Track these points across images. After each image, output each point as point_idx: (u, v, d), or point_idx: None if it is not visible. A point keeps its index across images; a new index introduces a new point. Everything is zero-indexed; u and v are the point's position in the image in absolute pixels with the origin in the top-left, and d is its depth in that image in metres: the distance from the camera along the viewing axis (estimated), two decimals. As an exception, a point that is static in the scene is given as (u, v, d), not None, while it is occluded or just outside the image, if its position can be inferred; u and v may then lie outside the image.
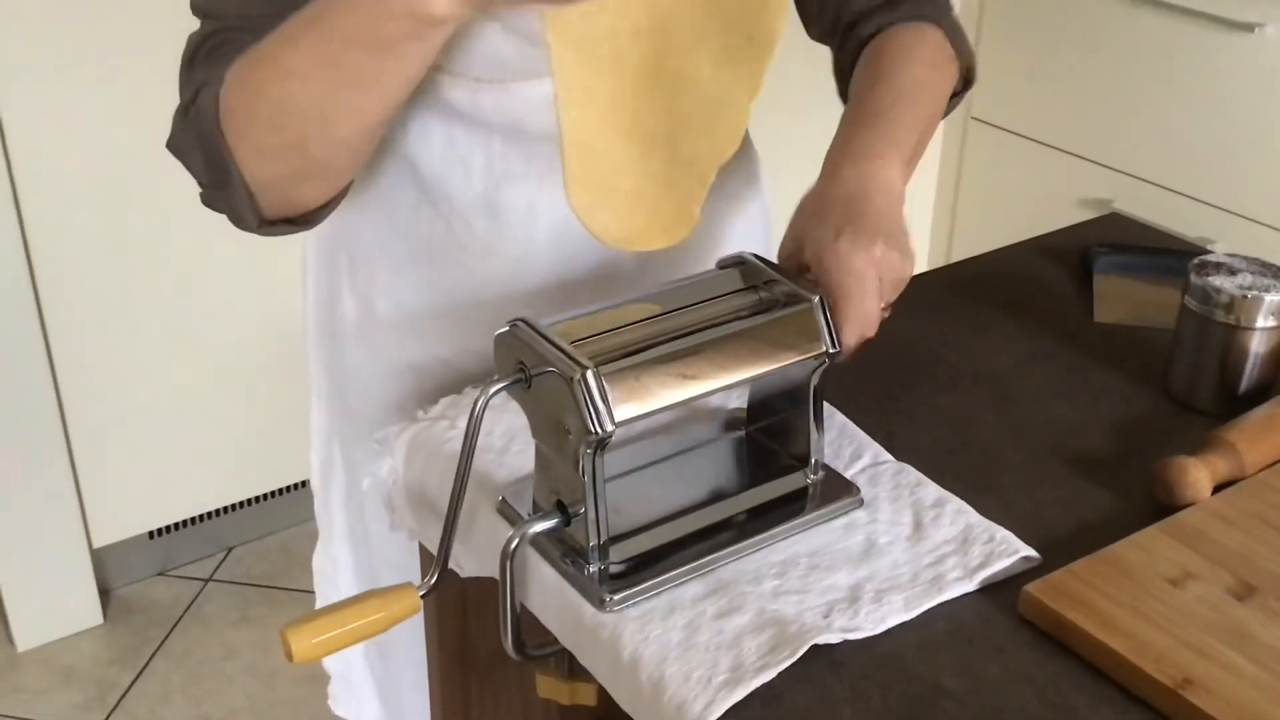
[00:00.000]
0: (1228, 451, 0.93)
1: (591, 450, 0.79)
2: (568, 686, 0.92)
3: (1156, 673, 0.75)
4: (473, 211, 1.05)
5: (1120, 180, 2.38)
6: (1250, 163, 2.19)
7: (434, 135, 1.03)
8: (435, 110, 1.01)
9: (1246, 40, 2.14)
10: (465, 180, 1.04)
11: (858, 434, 0.98)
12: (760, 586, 0.83)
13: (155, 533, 2.27)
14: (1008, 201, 2.63)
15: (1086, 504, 0.93)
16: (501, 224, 1.05)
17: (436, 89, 0.99)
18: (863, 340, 0.86)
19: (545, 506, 0.86)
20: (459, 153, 1.03)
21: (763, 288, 0.89)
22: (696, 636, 0.79)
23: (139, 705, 2.04)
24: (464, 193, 1.04)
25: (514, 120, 1.01)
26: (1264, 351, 1.01)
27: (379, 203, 1.07)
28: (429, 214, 1.06)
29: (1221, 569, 0.84)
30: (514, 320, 0.83)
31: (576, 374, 0.77)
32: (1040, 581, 0.82)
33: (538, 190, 1.04)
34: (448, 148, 1.03)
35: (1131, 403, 1.05)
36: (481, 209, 1.05)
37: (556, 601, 0.84)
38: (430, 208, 1.05)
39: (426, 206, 1.05)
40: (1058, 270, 1.27)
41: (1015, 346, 1.13)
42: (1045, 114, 2.51)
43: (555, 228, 1.05)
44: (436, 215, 1.05)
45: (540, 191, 1.04)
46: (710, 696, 0.74)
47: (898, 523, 0.89)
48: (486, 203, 1.04)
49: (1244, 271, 1.02)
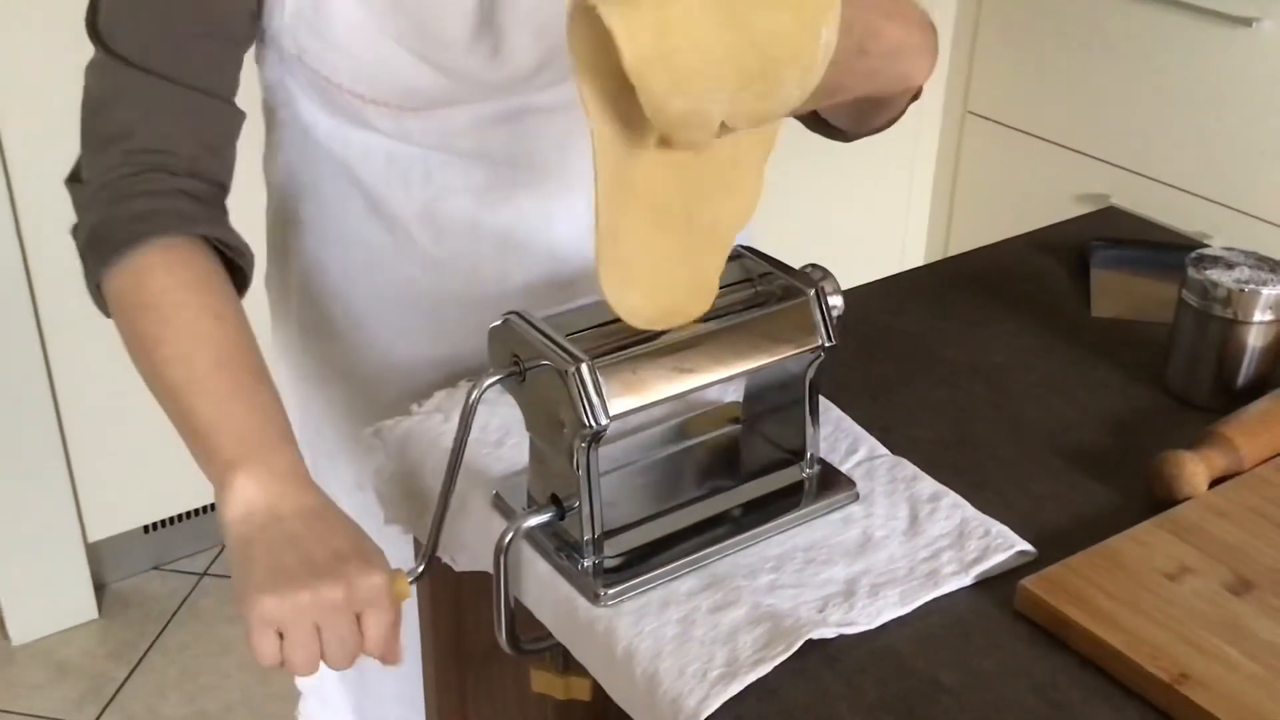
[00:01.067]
0: (1225, 446, 0.93)
1: (586, 444, 0.79)
2: (562, 681, 0.92)
3: (1153, 668, 0.75)
4: (415, 224, 1.05)
5: (1118, 175, 2.38)
6: (1248, 157, 2.18)
7: (375, 151, 1.03)
8: (370, 130, 1.01)
9: (1244, 34, 2.13)
10: (406, 194, 1.04)
11: (854, 428, 0.97)
12: (755, 581, 0.82)
13: (150, 527, 2.27)
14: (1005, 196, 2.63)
15: (1083, 498, 0.93)
16: (444, 236, 1.05)
17: (363, 116, 1.00)
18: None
19: (540, 500, 0.85)
20: (399, 168, 1.03)
21: (759, 281, 0.88)
22: (691, 631, 0.78)
23: (134, 700, 2.04)
24: (405, 206, 1.04)
25: (442, 141, 1.02)
26: (1261, 346, 1.01)
27: (328, 215, 1.07)
28: (377, 225, 1.06)
29: (1218, 564, 0.83)
30: (508, 313, 0.82)
31: (571, 367, 0.77)
32: (1036, 576, 0.82)
33: (477, 205, 1.04)
34: (388, 163, 1.03)
35: (1129, 397, 1.05)
36: (424, 222, 1.05)
37: (551, 596, 0.84)
38: (377, 219, 1.05)
39: (374, 218, 1.05)
40: (1055, 265, 1.26)
41: (1012, 341, 1.13)
42: (1042, 108, 2.50)
43: (500, 239, 1.06)
44: (383, 227, 1.06)
45: (480, 206, 1.04)
46: (705, 691, 0.74)
47: (893, 517, 0.88)
48: (428, 216, 1.05)
49: (1241, 265, 1.02)
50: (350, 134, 1.02)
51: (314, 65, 0.96)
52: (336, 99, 0.99)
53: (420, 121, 1.00)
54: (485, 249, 1.06)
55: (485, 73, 0.96)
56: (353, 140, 1.02)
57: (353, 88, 0.96)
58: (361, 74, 0.95)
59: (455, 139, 1.01)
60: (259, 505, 0.80)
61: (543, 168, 1.04)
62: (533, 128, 1.02)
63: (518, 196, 1.05)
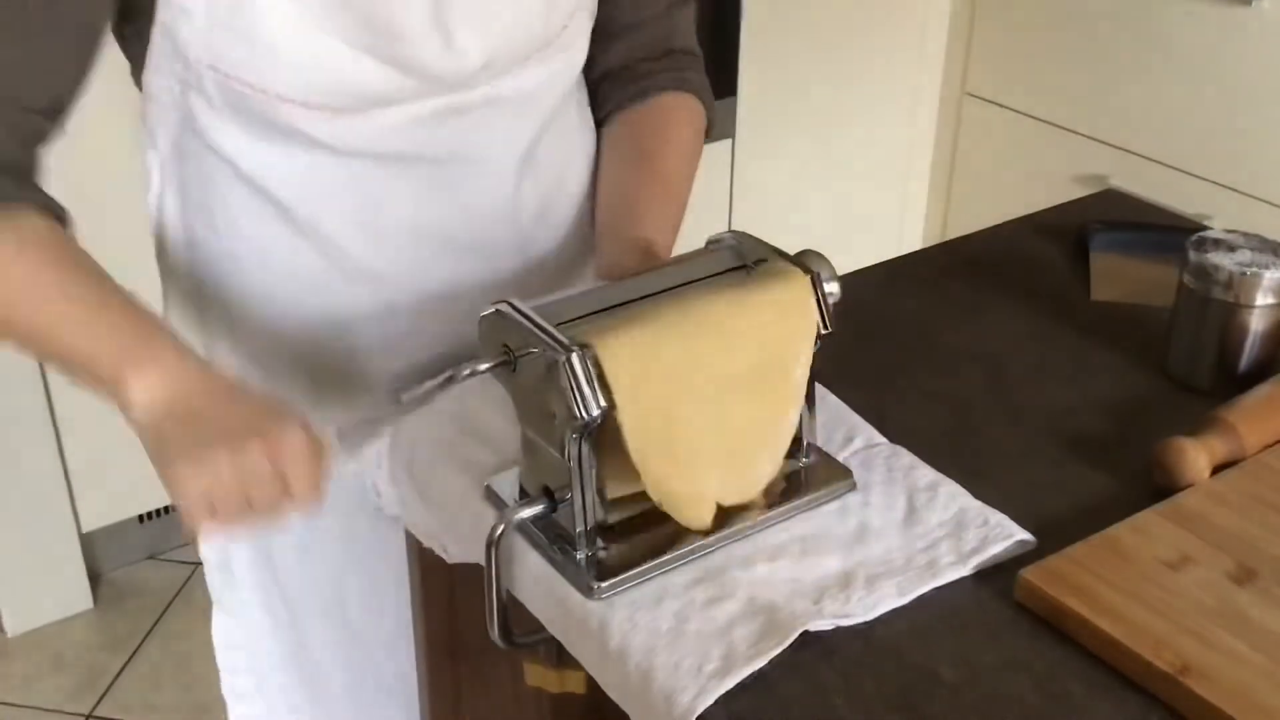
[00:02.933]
0: (1227, 432, 0.91)
1: (578, 435, 0.77)
2: (556, 675, 0.91)
3: (1155, 659, 0.74)
4: (349, 238, 0.99)
5: (1117, 156, 2.37)
6: (1248, 138, 2.17)
7: (296, 167, 0.96)
8: (292, 141, 0.95)
9: (1244, 14, 2.12)
10: (335, 208, 0.98)
11: (851, 416, 0.96)
12: (751, 572, 0.81)
13: (145, 516, 2.26)
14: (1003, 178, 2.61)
15: (1083, 487, 0.91)
16: (382, 245, 1.00)
17: (291, 122, 0.93)
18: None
19: (532, 492, 0.84)
20: (324, 181, 0.97)
21: (754, 267, 0.87)
22: (686, 624, 0.77)
23: (129, 691, 2.03)
24: (335, 221, 0.99)
25: (377, 145, 0.96)
26: (1264, 329, 0.99)
27: (249, 247, 1.00)
28: (306, 247, 0.99)
29: (1220, 552, 0.82)
30: (499, 301, 0.81)
31: (562, 357, 0.76)
32: (1036, 566, 0.81)
33: (415, 208, 1.00)
34: (311, 178, 0.97)
35: (1129, 383, 1.04)
36: (358, 233, 1.00)
37: (544, 589, 0.83)
38: (306, 241, 0.99)
39: (302, 241, 0.99)
40: (1054, 248, 1.25)
41: (1011, 326, 1.12)
42: (1040, 90, 2.49)
43: (442, 241, 1.02)
44: (313, 248, 0.99)
45: (419, 208, 1.00)
46: (699, 686, 0.73)
47: (891, 507, 0.87)
48: (361, 226, 0.99)
49: (1243, 248, 1.01)
50: (267, 152, 0.95)
51: (233, 73, 0.90)
52: (257, 109, 0.92)
53: (355, 123, 0.94)
54: (426, 254, 1.02)
55: (436, 64, 0.93)
56: (270, 159, 0.96)
57: (282, 91, 0.91)
58: (293, 75, 0.90)
59: (391, 140, 0.96)
60: (159, 395, 0.82)
61: (481, 163, 1.01)
62: (473, 124, 0.99)
63: (457, 195, 1.01)
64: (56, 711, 2.00)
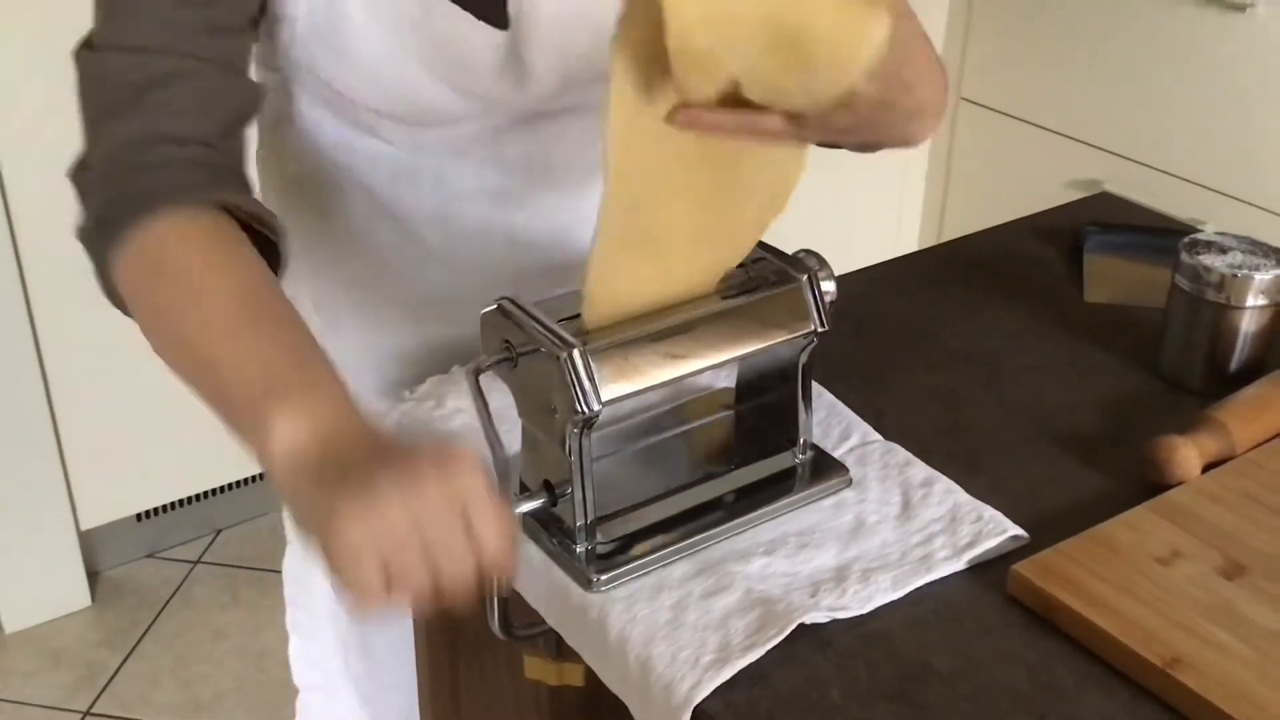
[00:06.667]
0: (1218, 430, 0.92)
1: (578, 430, 0.78)
2: (555, 667, 0.92)
3: (1145, 652, 0.75)
4: (425, 225, 1.05)
5: (1111, 161, 2.37)
6: (1241, 143, 2.18)
7: (381, 157, 1.02)
8: (376, 137, 1.00)
9: (1238, 20, 2.13)
10: (416, 197, 1.03)
11: (847, 413, 0.97)
12: (748, 566, 0.82)
13: (143, 515, 2.26)
14: (998, 182, 2.62)
15: (1076, 483, 0.92)
16: (454, 237, 1.05)
17: (375, 128, 0.99)
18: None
19: (532, 486, 0.85)
20: (408, 173, 1.02)
21: (751, 266, 0.88)
22: (684, 616, 0.78)
23: (128, 688, 2.04)
24: (415, 209, 1.04)
25: (455, 150, 1.01)
26: (1254, 330, 1.01)
27: (333, 215, 1.06)
28: (385, 225, 1.05)
29: (1211, 548, 0.83)
30: (501, 298, 0.82)
31: (563, 353, 0.77)
32: (1029, 561, 0.82)
33: (490, 207, 1.04)
34: (396, 169, 1.02)
35: (1122, 382, 1.05)
36: (434, 224, 1.04)
37: (544, 582, 0.84)
38: (385, 220, 1.05)
39: (381, 219, 1.05)
40: (1048, 250, 1.26)
41: (1005, 326, 1.13)
42: (1036, 95, 2.50)
43: (510, 238, 1.05)
44: (392, 228, 1.05)
45: (493, 208, 1.04)
46: (697, 677, 0.74)
47: (886, 502, 0.88)
48: (439, 218, 1.04)
49: (1235, 250, 1.02)
50: (357, 140, 1.01)
51: (325, 78, 0.94)
52: (345, 109, 0.98)
53: (433, 133, 1.00)
54: (496, 250, 1.06)
55: (508, 98, 0.97)
56: (359, 146, 1.01)
57: (366, 102, 0.96)
58: (377, 90, 0.94)
59: (468, 148, 1.01)
60: (304, 437, 0.68)
61: (557, 170, 1.05)
62: (546, 133, 1.02)
63: (531, 198, 1.05)
64: (54, 708, 2.00)
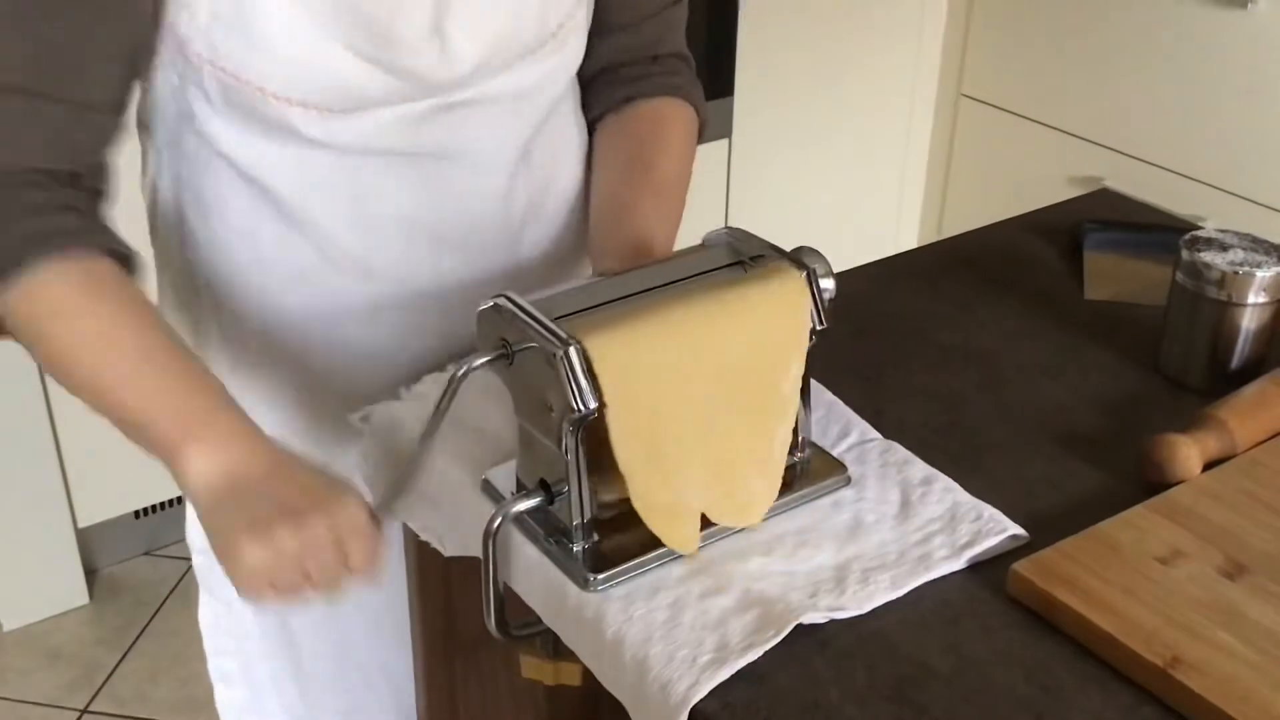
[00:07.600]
0: (1219, 429, 0.92)
1: (575, 428, 0.78)
2: (552, 667, 0.91)
3: (1145, 652, 0.74)
4: (340, 231, 1.00)
5: (1111, 157, 2.37)
6: (1241, 140, 2.18)
7: (288, 161, 0.97)
8: (285, 135, 0.95)
9: (1238, 16, 2.13)
10: (327, 201, 0.99)
11: (845, 411, 0.97)
12: (746, 565, 0.82)
13: (141, 512, 2.26)
14: (998, 179, 2.62)
15: (1075, 482, 0.92)
16: (373, 239, 1.01)
17: (285, 118, 0.93)
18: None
19: (529, 485, 0.85)
20: (317, 175, 0.97)
21: (749, 263, 0.88)
22: (681, 616, 0.78)
23: (125, 685, 2.03)
24: (327, 214, 0.99)
25: (369, 142, 0.97)
26: (1255, 328, 1.00)
27: (238, 233, 1.00)
28: (296, 238, 1.00)
29: (1212, 547, 0.83)
30: (497, 295, 0.82)
31: (559, 350, 0.76)
32: (1028, 560, 0.81)
33: (409, 203, 1.00)
34: (303, 172, 0.97)
35: (1122, 380, 1.04)
36: (350, 227, 1.00)
37: (540, 581, 0.83)
38: (297, 233, 1.00)
39: (292, 232, 1.00)
40: (1048, 247, 1.26)
41: (1005, 324, 1.12)
42: (1036, 91, 2.49)
43: (432, 237, 1.02)
44: (304, 239, 1.00)
45: (412, 204, 1.00)
46: (694, 677, 0.73)
47: (885, 501, 0.88)
48: (354, 220, 1.00)
49: (1235, 247, 1.01)
50: (261, 145, 0.96)
51: (231, 69, 0.91)
52: (252, 105, 0.93)
53: (347, 123, 0.95)
54: (417, 249, 1.02)
55: (432, 71, 0.94)
56: (265, 151, 0.96)
57: (277, 90, 0.92)
58: (289, 75, 0.91)
59: (383, 138, 0.97)
60: (216, 474, 0.83)
61: (472, 161, 1.01)
62: (461, 122, 0.99)
63: (449, 191, 1.01)
64: (52, 706, 2.00)
